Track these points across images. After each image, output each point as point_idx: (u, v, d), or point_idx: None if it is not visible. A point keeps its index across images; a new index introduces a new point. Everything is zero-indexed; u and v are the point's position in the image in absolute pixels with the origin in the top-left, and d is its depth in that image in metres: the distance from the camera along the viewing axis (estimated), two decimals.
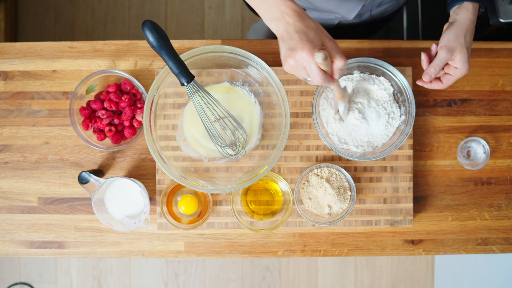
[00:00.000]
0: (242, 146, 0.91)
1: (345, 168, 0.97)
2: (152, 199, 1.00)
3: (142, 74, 1.01)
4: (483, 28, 1.09)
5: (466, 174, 1.02)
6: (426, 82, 0.85)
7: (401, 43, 1.02)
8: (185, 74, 0.79)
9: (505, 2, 1.02)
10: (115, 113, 0.98)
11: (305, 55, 0.69)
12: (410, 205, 0.99)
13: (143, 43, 1.02)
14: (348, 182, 0.95)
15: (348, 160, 0.98)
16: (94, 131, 0.98)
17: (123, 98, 0.96)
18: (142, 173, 1.01)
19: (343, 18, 1.05)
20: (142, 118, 0.96)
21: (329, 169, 0.96)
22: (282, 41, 0.72)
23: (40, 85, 1.01)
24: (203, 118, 0.84)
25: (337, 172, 0.96)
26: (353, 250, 1.01)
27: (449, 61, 0.82)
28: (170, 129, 0.98)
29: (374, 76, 0.95)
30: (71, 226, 1.01)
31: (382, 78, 0.95)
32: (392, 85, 0.95)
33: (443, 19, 0.90)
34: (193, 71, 0.81)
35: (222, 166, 0.97)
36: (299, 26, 0.70)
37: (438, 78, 0.85)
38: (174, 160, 0.95)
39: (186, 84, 0.80)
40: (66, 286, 1.95)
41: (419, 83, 0.86)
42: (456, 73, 0.83)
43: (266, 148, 0.96)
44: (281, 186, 0.97)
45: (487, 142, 1.00)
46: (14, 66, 1.01)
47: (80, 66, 1.01)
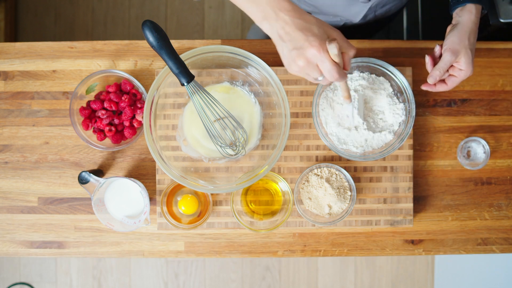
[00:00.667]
0: (242, 146, 0.91)
1: (345, 168, 0.97)
2: (152, 199, 1.00)
3: (142, 74, 1.01)
4: (483, 28, 1.09)
5: (466, 174, 1.02)
6: (432, 86, 0.86)
7: (401, 43, 1.02)
8: (185, 74, 0.79)
9: (505, 2, 1.02)
10: (115, 113, 0.98)
11: (316, 52, 0.64)
12: (410, 205, 0.99)
13: (143, 43, 1.02)
14: (348, 182, 0.95)
15: (348, 160, 0.98)
16: (94, 131, 0.98)
17: (123, 98, 0.96)
18: (142, 173, 1.01)
19: (348, 20, 1.05)
20: (142, 118, 0.96)
21: (329, 169, 0.96)
22: (281, 42, 0.66)
23: (40, 85, 1.01)
24: (203, 118, 0.84)
25: (337, 172, 0.96)
26: (353, 250, 1.01)
27: (453, 63, 0.83)
28: (170, 129, 0.98)
29: (374, 76, 0.95)
30: (71, 226, 1.01)
31: (382, 78, 0.95)
32: (392, 85, 0.95)
33: (443, 19, 0.90)
34: (193, 71, 0.81)
35: (222, 166, 0.97)
36: (299, 23, 0.65)
37: (443, 80, 0.86)
38: (174, 160, 0.95)
39: (186, 84, 0.80)
40: (66, 286, 1.95)
41: (425, 88, 0.87)
42: (460, 74, 0.83)
43: (266, 148, 0.96)
44: (281, 186, 0.97)
45: (487, 142, 1.00)
46: (14, 66, 1.01)
47: (80, 66, 1.01)
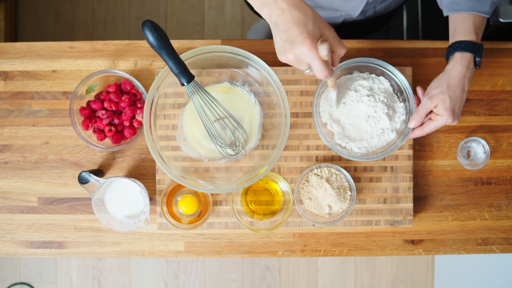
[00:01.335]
0: (242, 146, 0.91)
1: (345, 168, 0.97)
2: (152, 199, 1.00)
3: (142, 74, 1.01)
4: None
5: (466, 174, 1.02)
6: (415, 131, 0.89)
7: (401, 43, 1.02)
8: (185, 74, 0.79)
9: (505, 2, 1.02)
10: (115, 113, 0.98)
11: (306, 50, 0.65)
12: (410, 205, 0.99)
13: (143, 43, 1.02)
14: (348, 182, 0.95)
15: (348, 160, 0.98)
16: (94, 131, 0.98)
17: (123, 98, 0.96)
18: (142, 173, 1.01)
19: (348, 15, 1.05)
20: (142, 118, 0.96)
21: (329, 169, 0.96)
22: (276, 29, 0.66)
23: (40, 85, 1.01)
24: (203, 118, 0.84)
25: (337, 172, 0.96)
26: (353, 250, 1.01)
27: (432, 108, 0.85)
28: (170, 129, 0.98)
29: (373, 75, 0.95)
30: (71, 226, 1.01)
31: (382, 78, 0.95)
32: (392, 85, 0.95)
33: (443, 19, 0.90)
34: (193, 71, 0.81)
35: (222, 166, 0.97)
36: (297, 15, 0.64)
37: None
38: (174, 160, 0.95)
39: (186, 84, 0.80)
40: (66, 286, 1.95)
41: (411, 136, 0.90)
42: (437, 119, 0.85)
43: (266, 148, 0.96)
44: (281, 186, 0.97)
45: (487, 142, 1.00)
46: (14, 66, 1.01)
47: (80, 66, 1.01)
